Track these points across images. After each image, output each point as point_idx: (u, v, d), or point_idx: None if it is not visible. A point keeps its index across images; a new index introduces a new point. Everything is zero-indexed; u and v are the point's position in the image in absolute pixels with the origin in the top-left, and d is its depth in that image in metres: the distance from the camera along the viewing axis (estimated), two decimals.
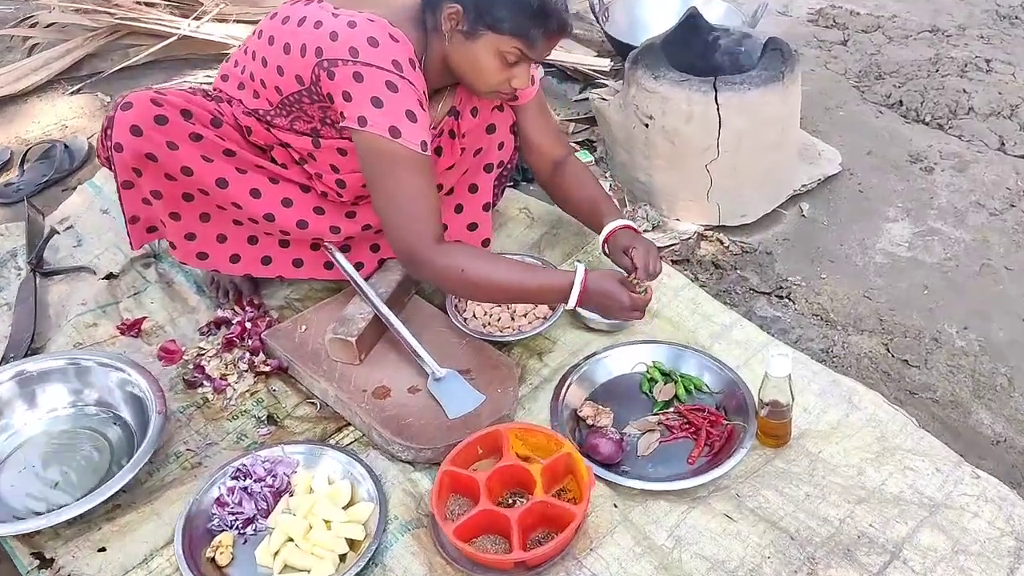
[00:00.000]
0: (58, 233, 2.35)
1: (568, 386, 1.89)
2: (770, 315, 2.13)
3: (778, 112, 2.33)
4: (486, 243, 2.13)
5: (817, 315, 2.14)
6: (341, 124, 1.76)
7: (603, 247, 2.00)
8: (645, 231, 2.27)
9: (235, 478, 1.71)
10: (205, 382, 1.97)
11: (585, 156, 2.64)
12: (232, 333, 2.06)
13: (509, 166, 2.16)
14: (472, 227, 2.11)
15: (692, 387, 1.90)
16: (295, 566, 1.60)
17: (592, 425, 1.83)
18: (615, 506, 1.68)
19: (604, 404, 1.87)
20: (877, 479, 1.68)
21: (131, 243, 2.04)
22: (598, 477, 1.70)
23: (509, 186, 2.48)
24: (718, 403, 1.89)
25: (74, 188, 2.60)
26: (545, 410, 1.86)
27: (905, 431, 1.78)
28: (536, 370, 1.98)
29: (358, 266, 2.09)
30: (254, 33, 1.91)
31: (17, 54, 3.30)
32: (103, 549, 1.61)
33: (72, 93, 3.12)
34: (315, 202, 1.99)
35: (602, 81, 2.94)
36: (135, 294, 2.21)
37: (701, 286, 2.16)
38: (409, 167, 1.75)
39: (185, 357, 2.04)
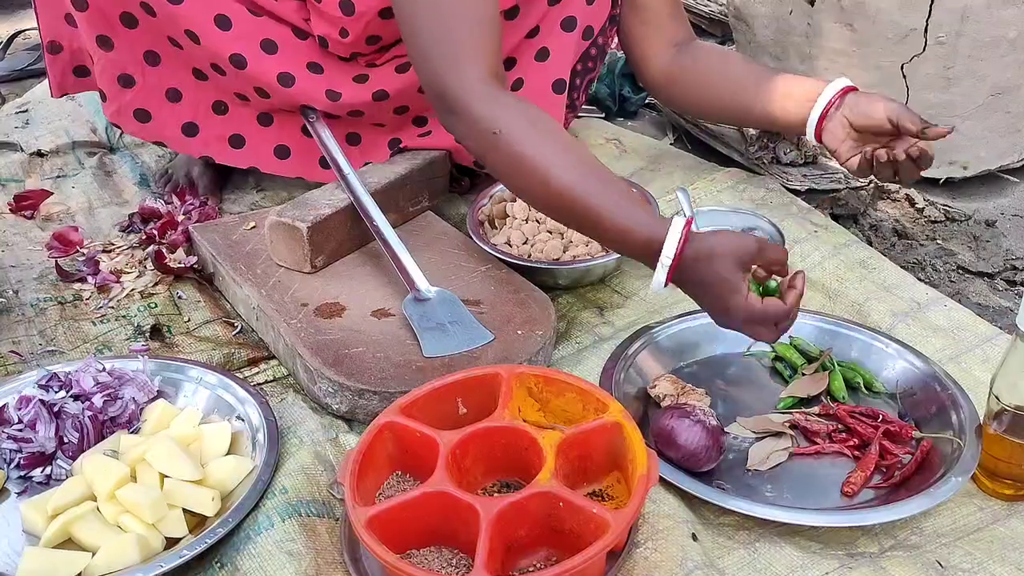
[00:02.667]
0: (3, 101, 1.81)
1: (639, 349, 1.11)
2: (994, 304, 1.28)
3: None
4: None
5: None
6: None
7: (817, 129, 1.27)
8: (791, 163, 1.48)
9: (43, 387, 1.01)
10: (89, 277, 1.30)
11: None
12: (155, 227, 1.39)
13: (601, 41, 1.43)
14: None
15: (859, 382, 1.09)
16: (81, 541, 0.86)
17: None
18: (693, 537, 0.87)
19: (696, 386, 1.08)
20: None
21: (51, 86, 1.43)
22: (668, 484, 0.91)
23: (599, 116, 1.77)
24: (903, 410, 1.06)
25: None
26: (593, 376, 1.08)
27: None
28: (590, 326, 1.20)
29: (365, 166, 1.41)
30: None
31: None
32: None
33: None
34: (311, 54, 1.35)
35: None
36: (58, 177, 1.60)
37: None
38: None
39: (82, 250, 1.38)
